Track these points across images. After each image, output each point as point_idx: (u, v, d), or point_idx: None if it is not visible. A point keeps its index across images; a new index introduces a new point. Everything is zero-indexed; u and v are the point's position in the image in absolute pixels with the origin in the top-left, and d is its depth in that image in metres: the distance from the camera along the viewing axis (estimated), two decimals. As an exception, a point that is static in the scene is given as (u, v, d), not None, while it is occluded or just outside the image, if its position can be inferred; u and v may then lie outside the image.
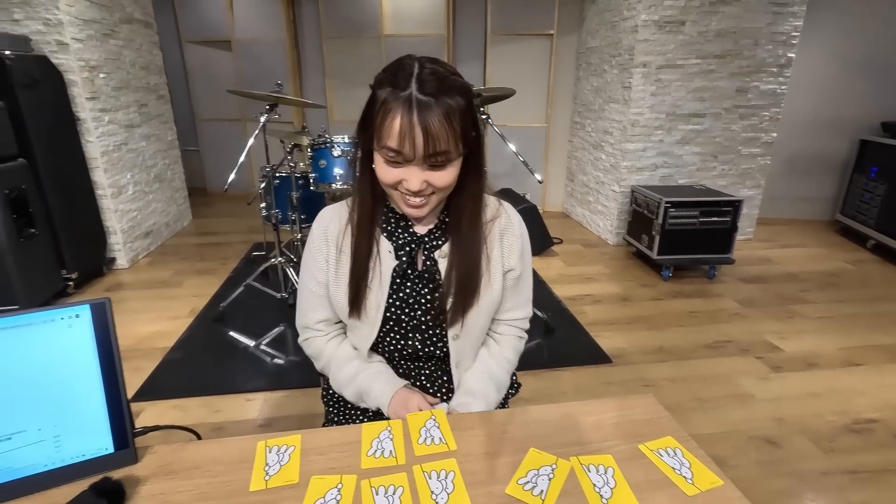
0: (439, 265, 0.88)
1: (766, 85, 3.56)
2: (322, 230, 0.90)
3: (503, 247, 0.91)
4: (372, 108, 0.75)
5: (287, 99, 2.41)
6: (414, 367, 0.96)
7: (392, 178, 0.76)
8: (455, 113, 0.72)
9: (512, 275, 0.93)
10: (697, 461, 0.68)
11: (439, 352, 0.93)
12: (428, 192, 0.78)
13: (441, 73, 0.72)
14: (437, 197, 0.80)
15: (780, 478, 1.63)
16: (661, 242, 3.18)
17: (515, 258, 0.92)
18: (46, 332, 0.63)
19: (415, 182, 0.75)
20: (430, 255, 0.88)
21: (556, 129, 4.59)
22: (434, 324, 0.90)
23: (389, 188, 0.79)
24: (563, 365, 2.23)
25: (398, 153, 0.72)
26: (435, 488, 0.64)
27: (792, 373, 2.22)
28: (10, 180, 2.39)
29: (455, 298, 0.86)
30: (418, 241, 0.88)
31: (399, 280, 0.88)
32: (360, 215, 0.85)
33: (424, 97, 0.70)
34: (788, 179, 4.34)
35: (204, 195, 5.16)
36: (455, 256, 0.86)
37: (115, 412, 0.67)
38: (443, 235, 0.89)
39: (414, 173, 0.74)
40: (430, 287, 0.88)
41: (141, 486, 0.64)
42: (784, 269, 3.41)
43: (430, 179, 0.75)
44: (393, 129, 0.71)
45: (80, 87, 2.87)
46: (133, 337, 2.43)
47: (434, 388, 0.97)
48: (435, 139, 0.70)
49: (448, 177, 0.77)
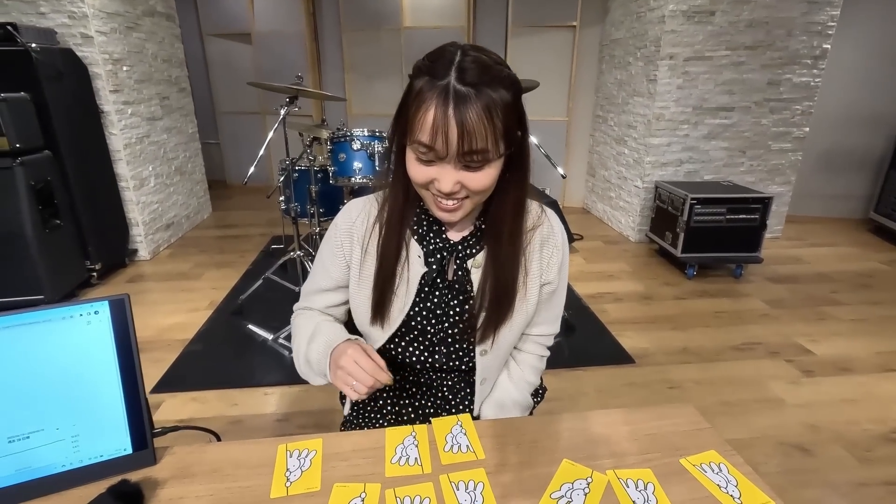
0: (472, 276, 0.81)
1: (799, 77, 3.42)
2: (348, 226, 0.84)
3: (542, 258, 0.84)
4: (407, 99, 0.68)
5: (307, 91, 2.39)
6: (436, 378, 0.91)
7: (423, 177, 0.69)
8: (497, 107, 0.64)
9: (548, 288, 0.86)
10: (745, 479, 0.64)
11: (464, 366, 0.88)
12: (461, 195, 0.70)
13: (485, 61, 0.65)
14: (472, 202, 0.73)
15: (812, 488, 1.56)
16: (685, 240, 3.09)
17: (554, 272, 0.85)
18: (65, 329, 0.61)
19: (447, 182, 0.68)
20: (463, 265, 0.81)
21: (577, 124, 4.51)
22: (461, 337, 0.84)
23: (420, 188, 0.73)
24: (584, 364, 2.18)
25: (430, 149, 0.65)
26: (463, 500, 0.61)
27: (825, 377, 2.13)
28: (36, 172, 2.42)
29: (488, 313, 0.80)
30: (451, 248, 0.81)
31: (427, 288, 0.81)
32: (391, 215, 0.78)
33: (463, 88, 0.62)
34: (820, 176, 4.20)
35: (224, 188, 5.20)
36: (491, 269, 0.79)
37: (134, 412, 0.65)
38: (478, 243, 0.82)
39: (447, 173, 0.67)
40: (459, 299, 0.82)
41: (159, 490, 0.62)
42: (814, 269, 3.29)
43: (464, 181, 0.68)
44: (426, 122, 0.64)
45: (104, 80, 2.89)
46: (154, 328, 2.45)
47: (456, 401, 0.93)
48: (471, 136, 0.63)
49: (485, 179, 0.68)
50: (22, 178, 2.35)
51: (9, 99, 2.30)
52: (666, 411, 0.77)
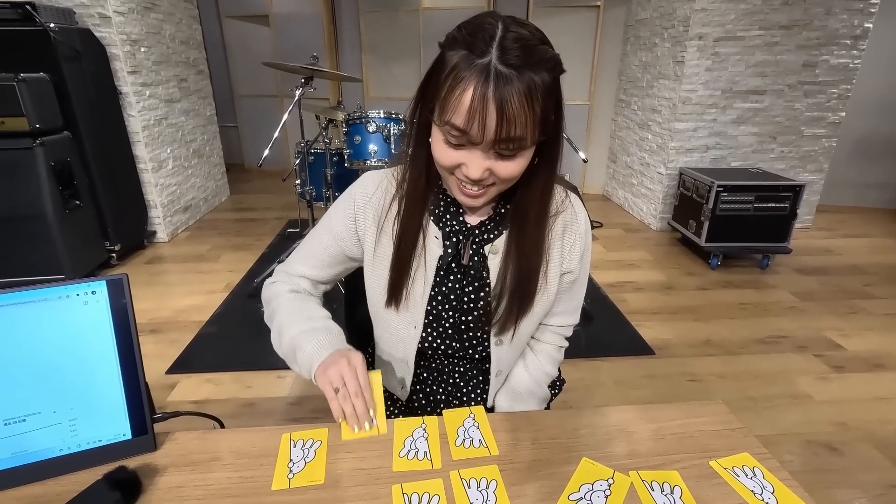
0: (489, 262, 0.77)
1: (836, 59, 3.24)
2: (364, 201, 0.78)
3: (564, 246, 0.79)
4: (438, 73, 0.61)
5: (322, 71, 2.34)
6: (448, 364, 0.88)
7: (450, 161, 0.64)
8: (538, 92, 0.58)
9: (568, 277, 0.82)
10: (782, 485, 0.59)
11: (478, 355, 0.84)
12: (489, 181, 0.65)
13: (529, 39, 0.58)
14: (498, 189, 0.68)
15: (841, 488, 1.49)
16: (710, 229, 2.99)
17: (576, 260, 0.80)
18: (61, 309, 0.59)
19: (476, 169, 0.62)
20: (479, 251, 0.77)
21: (599, 108, 4.38)
22: (476, 326, 0.80)
23: (444, 171, 0.68)
24: (602, 355, 2.13)
25: (463, 133, 0.59)
26: (475, 499, 0.57)
27: (855, 374, 2.04)
28: (55, 153, 2.44)
29: (508, 305, 0.76)
30: (468, 231, 0.77)
31: (443, 272, 0.78)
32: (410, 194, 0.74)
33: (506, 69, 0.56)
34: (855, 164, 4.01)
35: (241, 171, 5.22)
36: (513, 258, 0.75)
37: (134, 396, 0.63)
38: (495, 228, 0.77)
39: (476, 159, 0.62)
40: (475, 285, 0.78)
41: (158, 478, 0.59)
42: (846, 261, 3.16)
43: (494, 168, 0.63)
44: (462, 104, 0.57)
45: (122, 61, 2.89)
46: (170, 309, 2.46)
47: (468, 388, 0.90)
48: (511, 122, 0.57)
49: (516, 168, 0.64)
50: (42, 158, 2.36)
51: (28, 79, 2.30)
52: (694, 408, 0.72)
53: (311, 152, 2.67)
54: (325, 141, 2.59)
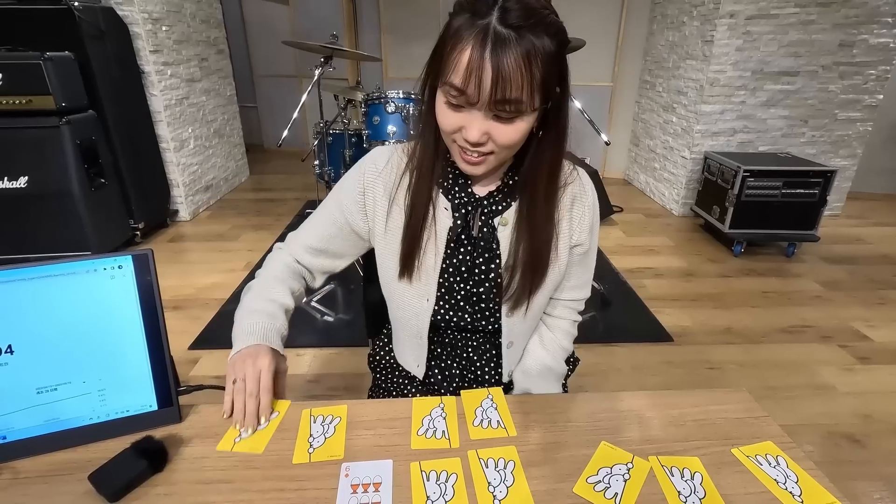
0: (498, 233, 0.79)
1: (876, 38, 3.10)
2: (375, 173, 0.80)
3: (573, 218, 0.81)
4: (444, 38, 0.63)
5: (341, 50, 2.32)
6: (461, 338, 0.89)
7: (451, 124, 0.65)
8: (538, 56, 0.59)
9: (579, 250, 0.83)
10: (807, 475, 0.57)
11: (491, 327, 0.85)
12: (487, 148, 0.66)
13: (531, 3, 0.59)
14: (497, 157, 0.68)
15: (863, 480, 1.47)
16: (734, 215, 2.92)
17: (585, 232, 0.82)
18: (89, 282, 0.60)
19: (474, 131, 0.63)
20: (489, 222, 0.78)
21: (622, 89, 4.27)
22: (487, 297, 0.81)
23: (447, 136, 0.69)
24: (620, 340, 2.11)
25: (461, 93, 0.61)
26: (492, 479, 0.57)
27: (881, 365, 1.99)
28: (81, 131, 2.48)
29: (521, 279, 0.77)
30: (476, 202, 0.78)
31: (454, 244, 0.79)
32: (421, 163, 0.75)
33: (504, 30, 0.57)
34: (890, 149, 3.86)
35: (261, 151, 5.25)
36: (524, 233, 0.76)
37: (159, 368, 0.64)
38: (504, 199, 0.78)
39: (475, 120, 0.63)
40: (485, 256, 0.79)
41: (183, 448, 0.61)
42: (876, 250, 3.06)
43: (492, 132, 0.64)
44: (460, 63, 0.59)
45: (144, 40, 2.90)
46: (193, 287, 2.51)
47: (482, 363, 0.90)
48: (507, 82, 0.58)
49: (514, 133, 0.64)
50: (68, 136, 2.41)
51: (54, 58, 2.33)
52: (717, 396, 0.71)
53: (330, 133, 2.67)
54: (344, 121, 2.58)
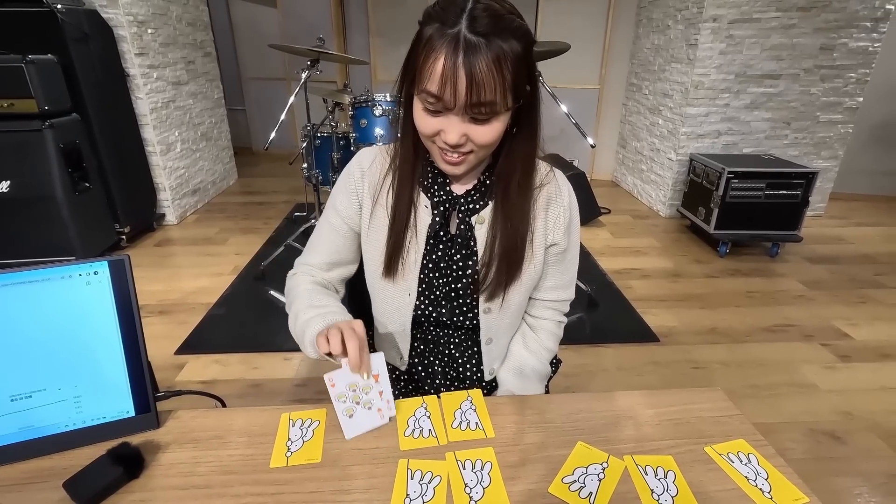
0: (475, 231, 0.81)
1: (855, 42, 3.16)
2: (361, 173, 0.83)
3: (548, 218, 0.83)
4: (416, 47, 0.66)
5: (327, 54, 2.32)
6: (443, 335, 0.91)
7: (429, 129, 0.68)
8: (507, 59, 0.62)
9: (555, 249, 0.85)
10: (777, 472, 0.59)
11: (469, 323, 0.87)
12: (466, 148, 0.69)
13: (497, 10, 0.62)
14: (476, 156, 0.72)
15: (842, 476, 1.49)
16: (719, 216, 2.95)
17: (560, 232, 0.84)
18: (64, 289, 0.60)
19: (453, 134, 0.66)
20: (466, 220, 0.81)
21: (609, 92, 4.31)
22: (465, 293, 0.84)
23: (427, 139, 0.72)
24: (606, 341, 2.13)
25: (438, 99, 0.64)
26: (469, 480, 0.58)
27: (862, 363, 2.02)
28: (64, 135, 2.45)
29: (497, 273, 0.79)
30: (454, 200, 0.81)
31: (433, 241, 0.81)
32: (402, 166, 0.78)
33: (474, 37, 0.60)
34: (871, 150, 3.93)
35: (249, 155, 5.22)
36: (499, 227, 0.78)
37: (136, 374, 0.64)
38: (481, 199, 0.81)
39: (453, 124, 0.66)
40: (462, 253, 0.81)
41: (161, 454, 0.61)
42: (858, 250, 3.11)
43: (470, 133, 0.67)
44: (434, 72, 0.62)
45: (129, 43, 2.88)
46: (179, 291, 2.49)
47: (463, 359, 0.92)
48: (480, 87, 0.61)
49: (491, 133, 0.68)
50: (51, 140, 2.38)
51: (37, 61, 2.31)
52: (692, 395, 0.72)
53: (318, 136, 2.66)
54: (332, 124, 2.58)
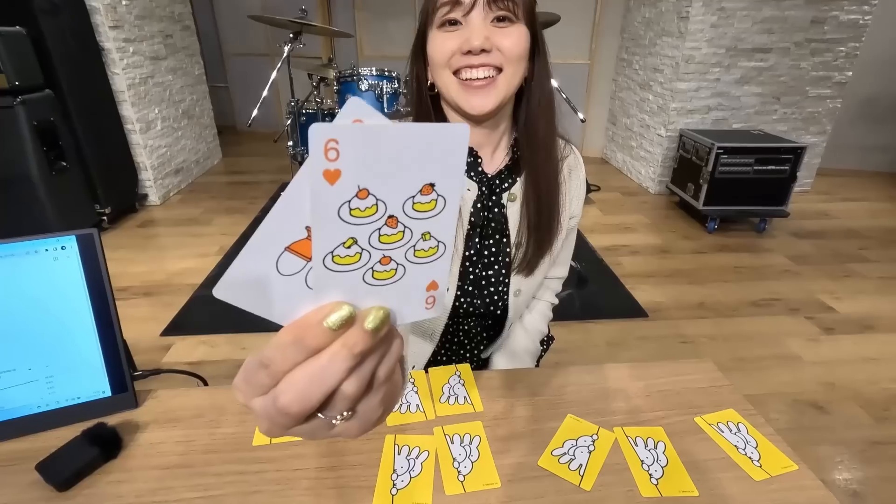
0: (507, 211, 0.76)
1: (846, 15, 3.13)
2: None
3: (571, 188, 0.81)
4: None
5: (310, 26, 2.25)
6: (463, 324, 0.86)
7: (449, 50, 0.62)
8: None
9: (573, 222, 0.85)
10: (766, 440, 0.59)
11: (498, 311, 0.82)
12: (494, 59, 0.62)
13: None
14: (506, 78, 0.64)
15: (825, 445, 1.53)
16: (708, 192, 2.95)
17: (578, 205, 0.83)
18: (30, 264, 0.57)
19: (476, 35, 0.60)
20: (498, 202, 0.76)
21: (599, 67, 4.25)
22: (497, 280, 0.79)
23: (446, 68, 0.64)
24: (596, 317, 2.14)
25: (456, 2, 0.61)
26: (458, 455, 0.57)
27: (845, 335, 2.06)
28: (37, 111, 2.36)
29: (533, 248, 0.75)
30: (489, 182, 0.75)
31: (469, 228, 0.76)
32: None
33: None
34: (858, 125, 3.93)
35: (234, 133, 5.10)
36: (531, 199, 0.74)
37: (112, 353, 0.61)
38: (509, 176, 0.76)
39: (475, 26, 0.61)
40: (495, 238, 0.77)
41: (139, 434, 0.59)
42: (843, 225, 3.14)
43: (494, 39, 0.61)
44: None
45: (102, 15, 2.76)
46: (164, 272, 2.45)
47: (472, 345, 0.89)
48: None
49: (516, 40, 0.62)
50: (24, 117, 2.29)
51: (4, 33, 2.20)
52: (682, 367, 0.72)
53: (303, 112, 2.60)
54: (318, 100, 2.52)
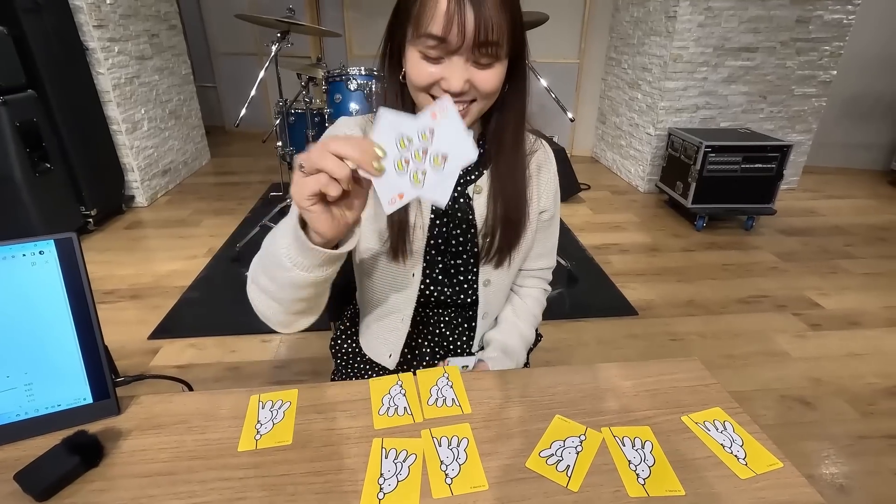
0: (473, 202, 0.79)
1: (830, 14, 3.17)
2: None
3: (539, 183, 0.83)
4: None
5: (298, 25, 2.23)
6: (433, 315, 0.88)
7: (427, 78, 0.62)
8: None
9: (545, 216, 0.86)
10: (752, 438, 0.59)
11: (469, 300, 0.86)
12: (469, 97, 0.64)
13: None
14: (479, 107, 0.66)
15: (812, 440, 1.55)
16: (696, 190, 2.98)
17: (551, 198, 0.84)
18: (7, 270, 0.56)
19: (456, 80, 0.60)
20: (464, 192, 0.79)
21: (589, 66, 4.26)
22: (465, 269, 0.82)
23: (422, 91, 0.65)
24: (586, 316, 2.14)
25: (441, 41, 0.59)
26: (445, 457, 0.56)
27: (832, 331, 2.09)
28: (19, 112, 2.32)
29: (500, 241, 0.77)
30: None
31: (433, 218, 0.78)
32: None
33: None
34: (843, 124, 3.99)
35: (222, 133, 5.05)
36: (498, 193, 0.76)
37: (93, 359, 0.60)
38: (476, 168, 0.79)
39: (456, 69, 0.61)
40: (462, 227, 0.79)
41: (122, 441, 0.58)
42: (829, 222, 3.18)
43: (473, 79, 0.62)
44: (438, 11, 0.57)
45: (86, 14, 2.72)
46: (152, 275, 2.42)
47: (454, 337, 0.90)
48: (488, 24, 0.57)
49: (494, 79, 0.63)
50: (6, 118, 2.25)
51: (-16, 32, 2.17)
52: (669, 365, 0.72)
53: (292, 112, 2.58)
54: (306, 100, 2.50)
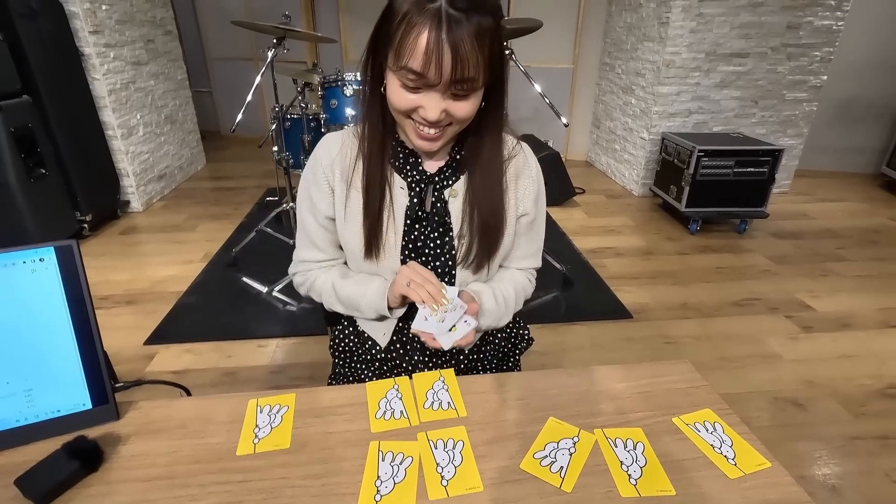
0: (450, 206, 0.81)
1: (820, 20, 3.21)
2: (329, 160, 0.81)
3: (518, 189, 0.85)
4: (389, 22, 0.64)
5: (294, 31, 2.24)
6: (413, 315, 0.89)
7: (407, 105, 0.67)
8: (486, 35, 0.62)
9: (525, 220, 0.87)
10: (741, 438, 0.60)
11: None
12: (445, 122, 0.69)
13: None
14: (453, 130, 0.72)
15: (804, 441, 1.56)
16: (690, 194, 3.00)
17: (530, 202, 0.85)
18: (7, 277, 0.56)
19: (433, 111, 0.66)
20: (440, 196, 0.81)
21: (583, 71, 4.30)
22: (443, 271, 0.83)
23: (401, 115, 0.70)
24: (581, 319, 2.16)
25: (420, 76, 0.63)
26: (441, 460, 0.57)
27: (824, 333, 2.11)
28: (14, 118, 2.32)
29: (477, 246, 0.80)
30: (428, 179, 0.81)
31: (410, 222, 0.81)
32: (371, 145, 0.76)
33: (455, 12, 0.60)
34: (834, 128, 4.03)
35: (218, 138, 5.06)
36: (474, 198, 0.79)
37: (92, 366, 0.61)
38: (454, 174, 0.81)
39: (433, 101, 0.65)
40: (439, 231, 0.81)
41: (121, 446, 0.59)
42: (821, 225, 3.22)
43: (449, 109, 0.67)
44: (417, 48, 0.61)
45: (81, 20, 2.73)
46: (147, 280, 2.42)
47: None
48: (464, 63, 0.61)
49: (469, 108, 0.68)
50: (1, 124, 2.25)
51: (-20, 39, 2.17)
52: (661, 368, 0.73)
53: (288, 117, 2.59)
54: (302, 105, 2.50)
